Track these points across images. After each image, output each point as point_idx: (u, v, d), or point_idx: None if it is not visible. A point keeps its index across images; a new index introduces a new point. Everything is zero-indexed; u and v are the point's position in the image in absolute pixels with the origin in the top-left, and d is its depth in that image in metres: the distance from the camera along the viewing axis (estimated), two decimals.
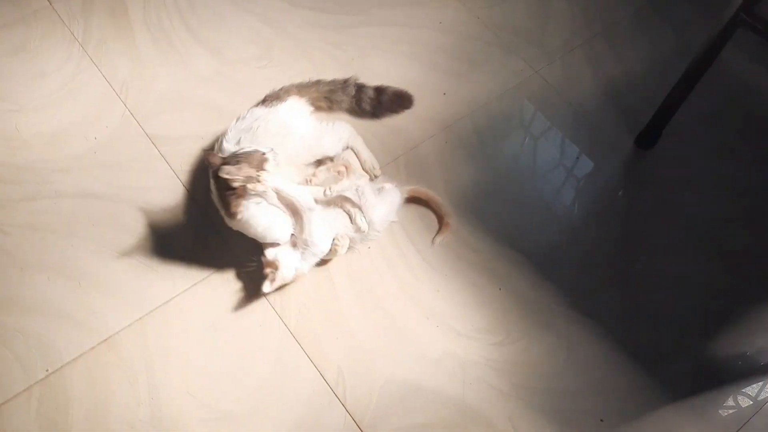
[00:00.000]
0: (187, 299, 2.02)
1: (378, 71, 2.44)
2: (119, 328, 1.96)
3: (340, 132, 2.18)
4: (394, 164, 2.25)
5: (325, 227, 2.00)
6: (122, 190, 2.17)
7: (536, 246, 2.16)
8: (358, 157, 2.20)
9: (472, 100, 2.41)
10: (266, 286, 1.93)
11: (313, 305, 2.02)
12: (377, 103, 2.30)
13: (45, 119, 2.29)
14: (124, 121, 2.31)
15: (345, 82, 2.31)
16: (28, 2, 2.55)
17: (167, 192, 2.18)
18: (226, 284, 2.04)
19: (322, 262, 2.07)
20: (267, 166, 1.86)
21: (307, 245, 1.97)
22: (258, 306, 2.02)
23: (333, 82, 2.30)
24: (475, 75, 2.47)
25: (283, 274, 1.94)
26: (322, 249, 2.00)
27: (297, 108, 2.18)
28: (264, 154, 1.87)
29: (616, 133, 2.38)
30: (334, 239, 2.01)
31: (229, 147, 2.04)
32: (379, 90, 2.31)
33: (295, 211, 1.97)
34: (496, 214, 2.21)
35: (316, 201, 2.00)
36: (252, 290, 2.02)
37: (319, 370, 1.93)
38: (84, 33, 2.48)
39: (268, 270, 1.95)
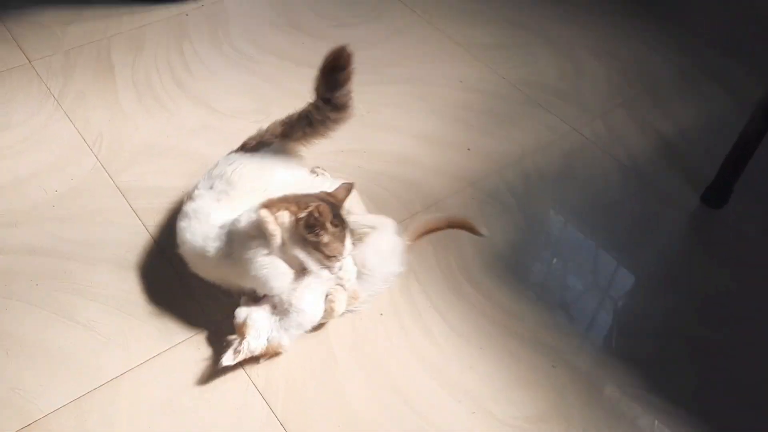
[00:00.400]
0: (144, 373, 1.55)
1: (392, 125, 2.14)
2: (51, 409, 1.47)
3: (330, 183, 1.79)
4: (411, 222, 1.85)
5: (317, 287, 1.56)
6: (77, 246, 1.78)
7: (595, 316, 1.70)
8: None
9: (502, 156, 2.07)
10: (227, 358, 1.48)
11: (306, 383, 1.54)
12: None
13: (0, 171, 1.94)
14: (93, 174, 1.96)
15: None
16: (7, 59, 2.30)
17: (133, 249, 1.78)
18: (195, 356, 1.58)
19: (318, 326, 1.61)
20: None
21: (290, 311, 1.52)
22: (235, 383, 1.54)
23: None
24: (504, 131, 2.15)
25: (251, 345, 1.48)
26: (310, 318, 1.56)
27: (280, 159, 1.80)
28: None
29: (678, 190, 2.01)
30: (327, 296, 1.57)
31: (199, 194, 1.66)
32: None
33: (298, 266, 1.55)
34: (541, 277, 1.79)
35: None
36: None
37: None
38: (62, 88, 2.21)
39: (232, 337, 1.50)
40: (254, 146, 1.82)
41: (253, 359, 1.53)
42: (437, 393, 1.54)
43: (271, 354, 1.54)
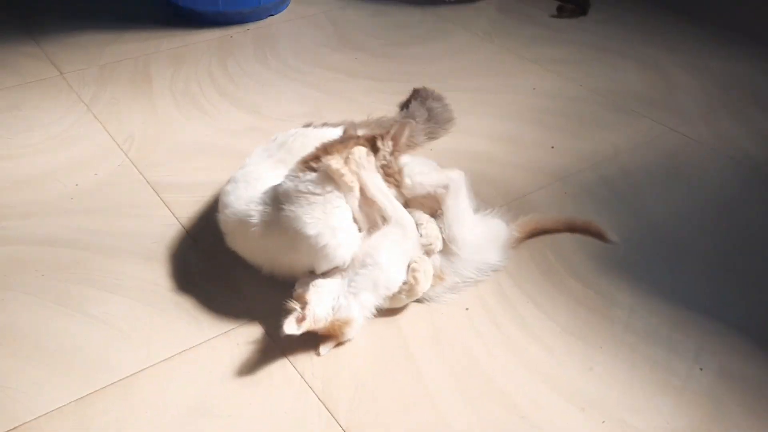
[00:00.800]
0: (167, 371, 1.20)
1: (462, 128, 1.88)
2: (43, 411, 1.12)
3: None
4: (522, 217, 1.53)
5: (398, 242, 1.24)
6: (94, 237, 1.49)
7: (741, 310, 1.33)
8: None
9: (593, 153, 1.78)
10: (289, 326, 1.13)
11: (377, 386, 1.18)
12: (443, 101, 1.90)
13: (17, 167, 1.71)
14: (121, 170, 1.71)
15: (409, 110, 1.85)
16: (37, 72, 2.12)
17: (161, 240, 1.49)
18: (232, 352, 1.23)
19: (387, 312, 1.26)
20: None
21: (365, 265, 1.19)
22: (284, 383, 1.18)
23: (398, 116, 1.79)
24: (590, 131, 1.88)
25: (316, 311, 1.14)
26: (389, 278, 1.22)
27: None
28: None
29: None
30: (410, 265, 1.23)
31: (253, 161, 1.42)
32: (429, 92, 1.92)
33: (373, 222, 1.24)
34: (661, 273, 1.43)
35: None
36: (278, 359, 1.20)
37: None
38: (93, 96, 2.01)
39: (293, 304, 1.16)
40: (319, 125, 1.59)
41: (312, 343, 1.18)
42: (552, 400, 1.16)
43: (336, 333, 1.19)
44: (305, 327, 1.13)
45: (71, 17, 2.46)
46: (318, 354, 1.22)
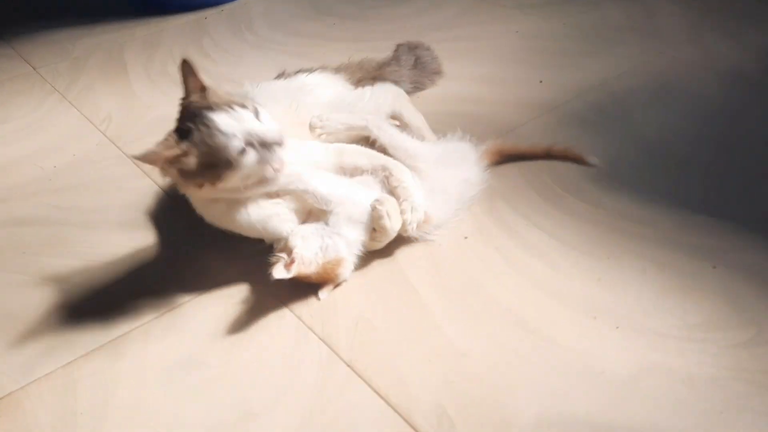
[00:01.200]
0: (156, 329, 1.15)
1: (450, 75, 1.81)
2: (30, 379, 1.06)
3: (378, 96, 1.45)
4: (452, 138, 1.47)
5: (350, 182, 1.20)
6: (76, 213, 1.45)
7: (746, 207, 1.27)
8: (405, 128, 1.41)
9: (580, 83, 1.73)
10: (278, 271, 1.08)
11: (379, 320, 1.13)
12: (433, 53, 1.79)
13: None
14: (99, 148, 1.66)
15: (395, 56, 1.73)
16: (9, 70, 2.09)
17: (144, 209, 1.44)
18: (223, 308, 1.18)
19: (383, 252, 1.22)
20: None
21: (329, 205, 1.14)
22: (284, 329, 1.13)
23: (383, 61, 1.70)
24: (576, 64, 1.83)
25: (303, 254, 1.08)
26: (356, 209, 1.17)
27: (325, 79, 1.51)
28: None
29: None
30: (372, 208, 1.17)
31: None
32: (422, 44, 1.80)
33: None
34: (664, 183, 1.37)
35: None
36: (275, 308, 1.15)
37: (401, 413, 0.96)
38: (68, 85, 1.96)
39: (279, 254, 1.10)
40: (292, 73, 1.54)
41: (310, 290, 1.13)
42: (562, 312, 1.10)
43: (330, 275, 1.14)
44: (295, 271, 1.07)
45: (40, 16, 2.42)
46: (318, 298, 1.16)
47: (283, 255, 1.10)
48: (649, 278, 1.14)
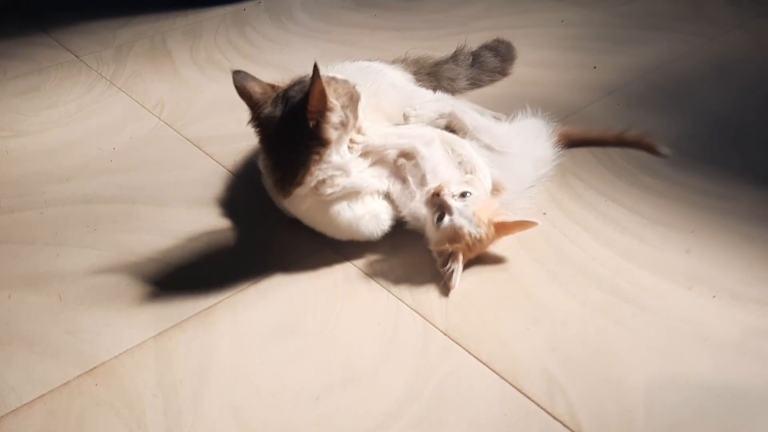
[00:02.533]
0: (243, 300, 1.13)
1: None
2: (121, 350, 1.05)
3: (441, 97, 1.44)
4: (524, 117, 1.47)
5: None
6: (143, 191, 1.43)
7: None
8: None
9: (637, 67, 1.74)
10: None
11: (468, 291, 1.13)
12: (498, 56, 1.73)
13: (47, 139, 1.65)
14: (156, 131, 1.65)
15: (455, 54, 1.70)
16: (52, 58, 2.07)
17: (211, 187, 1.43)
18: (309, 276, 1.17)
19: None
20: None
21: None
22: (374, 298, 1.12)
23: (440, 59, 1.68)
24: (628, 49, 1.84)
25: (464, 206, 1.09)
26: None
27: (389, 66, 1.52)
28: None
29: None
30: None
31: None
32: (490, 46, 1.76)
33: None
34: (741, 155, 1.38)
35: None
36: (361, 278, 1.15)
37: (507, 379, 0.95)
38: (114, 72, 1.95)
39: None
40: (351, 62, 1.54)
41: (393, 262, 1.12)
42: (655, 281, 1.10)
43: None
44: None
45: (78, 8, 2.41)
46: (449, 289, 1.13)
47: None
48: (738, 250, 1.14)
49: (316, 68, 1.02)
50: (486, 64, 1.71)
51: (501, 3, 2.21)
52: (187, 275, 1.19)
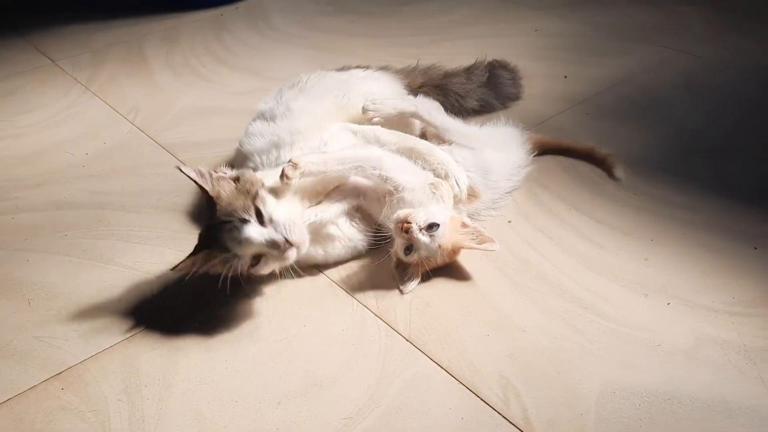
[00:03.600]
0: (212, 306, 1.14)
1: None
2: (88, 354, 1.06)
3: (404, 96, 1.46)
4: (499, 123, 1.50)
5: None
6: (115, 197, 1.45)
7: None
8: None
9: (607, 78, 1.78)
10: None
11: (431, 299, 1.15)
12: (515, 81, 1.65)
13: (20, 144, 1.66)
14: (130, 137, 1.67)
15: (470, 68, 1.62)
16: (28, 62, 2.07)
17: (184, 194, 1.44)
18: (275, 283, 1.19)
19: None
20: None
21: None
22: (339, 306, 1.15)
23: (452, 71, 1.62)
24: (599, 60, 1.88)
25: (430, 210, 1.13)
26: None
27: (381, 79, 1.51)
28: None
29: None
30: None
31: (261, 106, 1.43)
32: (506, 65, 1.67)
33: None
34: (703, 167, 1.42)
35: None
36: (326, 286, 1.17)
37: (465, 384, 0.98)
38: (90, 77, 1.96)
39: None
40: (351, 67, 1.55)
41: (358, 271, 1.14)
42: (612, 289, 1.13)
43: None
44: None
45: (55, 12, 2.42)
46: (401, 292, 1.15)
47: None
48: (694, 259, 1.17)
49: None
50: (504, 88, 1.62)
51: (477, 12, 2.24)
52: (156, 281, 1.20)
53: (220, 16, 2.33)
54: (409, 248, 1.11)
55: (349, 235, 1.19)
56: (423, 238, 1.09)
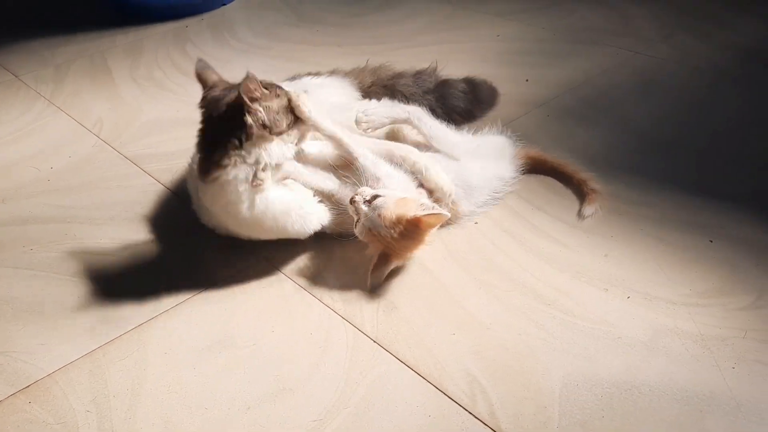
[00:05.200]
0: (178, 315, 1.15)
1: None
2: (55, 368, 1.06)
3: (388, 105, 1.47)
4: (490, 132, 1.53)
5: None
6: (81, 211, 1.45)
7: (734, 186, 1.36)
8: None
9: (566, 81, 1.81)
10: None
11: (398, 300, 1.16)
12: (473, 97, 1.59)
13: None
14: (95, 150, 1.66)
15: (419, 72, 1.61)
16: None
17: (148, 205, 1.45)
18: (244, 290, 1.20)
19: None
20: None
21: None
22: (307, 309, 1.16)
23: (401, 72, 1.62)
24: (559, 63, 1.92)
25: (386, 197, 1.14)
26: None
27: (334, 84, 1.54)
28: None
29: None
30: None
31: None
32: (472, 82, 1.62)
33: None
34: (659, 167, 1.45)
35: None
36: (293, 289, 1.18)
37: (432, 382, 0.99)
38: (53, 91, 1.95)
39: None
40: (303, 75, 1.57)
41: (327, 274, 1.15)
42: (575, 285, 1.16)
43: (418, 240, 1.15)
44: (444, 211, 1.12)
45: (17, 27, 2.40)
46: (372, 285, 1.17)
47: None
48: (652, 253, 1.21)
49: (248, 75, 1.09)
50: (450, 100, 1.56)
51: (441, 18, 2.27)
52: (122, 292, 1.20)
53: (185, 28, 2.33)
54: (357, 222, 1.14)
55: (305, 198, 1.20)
56: (364, 207, 1.12)
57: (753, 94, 1.70)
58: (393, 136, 1.35)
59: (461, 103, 1.57)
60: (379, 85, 1.58)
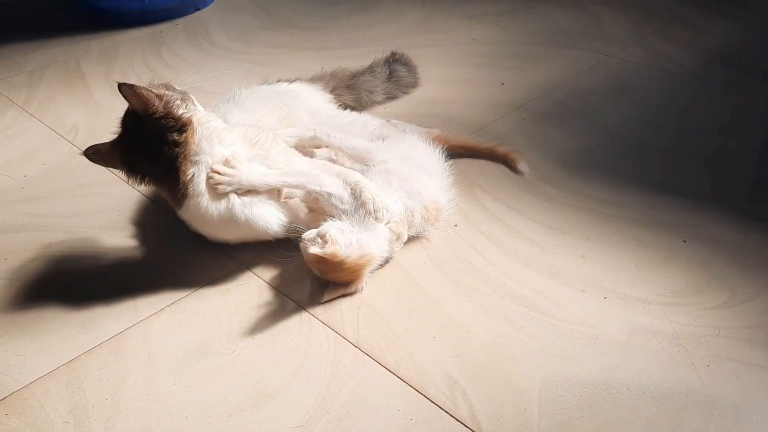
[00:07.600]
0: (157, 323, 1.15)
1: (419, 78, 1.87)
2: (32, 378, 1.05)
3: (368, 122, 1.51)
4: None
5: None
6: (56, 219, 1.43)
7: (706, 186, 1.39)
8: None
9: (541, 84, 1.83)
10: (312, 246, 1.11)
11: (379, 305, 1.17)
12: (411, 67, 1.81)
13: None
14: (70, 157, 1.64)
15: (370, 66, 1.77)
16: None
17: (126, 212, 1.44)
18: (224, 298, 1.19)
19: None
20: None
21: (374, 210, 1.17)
22: (287, 316, 1.16)
23: (356, 71, 1.74)
24: (534, 67, 1.93)
25: (337, 238, 1.11)
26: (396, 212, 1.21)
27: (308, 89, 1.56)
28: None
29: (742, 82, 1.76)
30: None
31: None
32: (399, 55, 1.82)
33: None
34: (632, 169, 1.47)
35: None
36: (275, 296, 1.17)
37: (413, 385, 1.00)
38: (26, 99, 1.92)
39: (308, 234, 1.13)
40: (274, 81, 1.60)
41: (308, 282, 1.16)
42: (552, 287, 1.17)
43: (358, 271, 1.15)
44: (330, 250, 1.09)
45: None
46: (321, 301, 1.16)
47: (316, 237, 1.12)
48: (628, 253, 1.23)
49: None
50: (401, 80, 1.77)
51: (416, 22, 2.28)
52: (99, 301, 1.19)
53: (160, 33, 2.31)
54: None
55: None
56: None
57: (723, 95, 1.74)
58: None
59: (410, 78, 1.79)
60: (342, 87, 1.66)
